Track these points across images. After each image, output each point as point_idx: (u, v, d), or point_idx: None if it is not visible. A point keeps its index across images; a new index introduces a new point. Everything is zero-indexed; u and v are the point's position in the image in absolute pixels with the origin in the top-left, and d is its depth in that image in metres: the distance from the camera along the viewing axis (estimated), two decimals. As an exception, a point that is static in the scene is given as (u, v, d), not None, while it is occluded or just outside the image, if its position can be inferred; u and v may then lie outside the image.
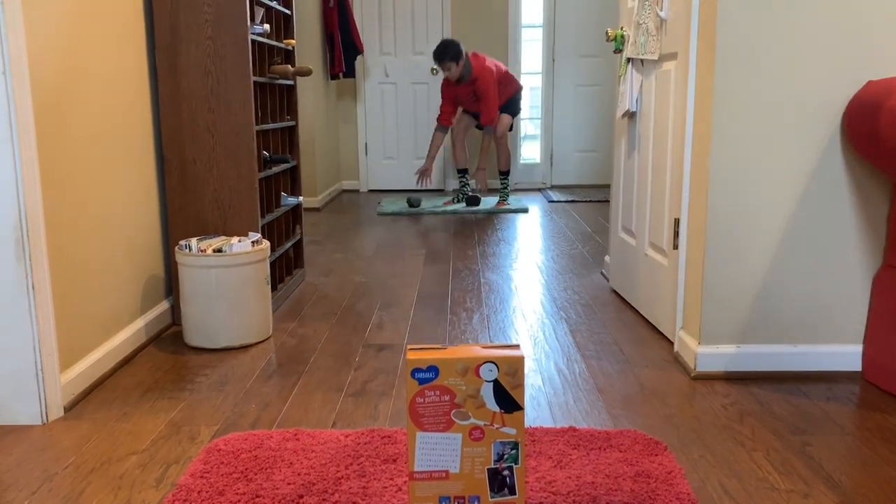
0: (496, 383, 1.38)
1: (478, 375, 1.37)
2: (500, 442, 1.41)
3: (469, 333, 2.68)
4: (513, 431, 1.40)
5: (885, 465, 1.70)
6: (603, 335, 2.65)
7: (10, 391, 1.91)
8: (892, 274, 2.12)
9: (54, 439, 1.85)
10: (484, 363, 1.37)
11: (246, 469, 1.67)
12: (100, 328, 2.25)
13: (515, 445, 1.41)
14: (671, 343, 2.53)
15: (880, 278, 2.17)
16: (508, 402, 1.39)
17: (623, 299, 3.08)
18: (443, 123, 5.58)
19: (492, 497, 1.42)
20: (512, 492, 1.43)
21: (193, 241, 2.53)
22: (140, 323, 2.52)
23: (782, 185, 2.16)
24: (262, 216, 2.90)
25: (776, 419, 1.94)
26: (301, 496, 1.55)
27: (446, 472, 1.42)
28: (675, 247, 2.42)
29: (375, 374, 2.29)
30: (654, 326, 2.71)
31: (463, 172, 5.83)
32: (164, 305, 2.72)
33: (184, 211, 2.72)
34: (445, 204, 5.76)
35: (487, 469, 1.42)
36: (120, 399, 2.10)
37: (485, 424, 1.39)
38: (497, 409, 1.39)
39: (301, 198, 3.36)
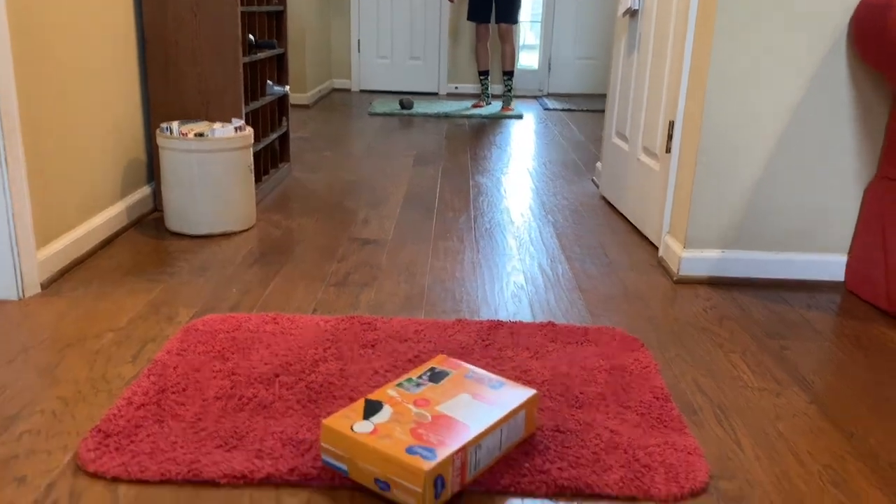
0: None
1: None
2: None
3: (455, 233, 2.65)
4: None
5: (859, 369, 1.72)
6: (589, 239, 2.63)
7: (-14, 265, 1.88)
8: (884, 185, 2.09)
9: (31, 314, 1.83)
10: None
11: (223, 348, 1.66)
12: (78, 208, 2.21)
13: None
14: (657, 249, 2.52)
15: (872, 189, 2.14)
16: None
17: (612, 206, 3.05)
18: None
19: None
20: (487, 377, 1.42)
21: (175, 125, 2.46)
22: (120, 206, 2.47)
23: (782, 89, 2.10)
24: (247, 103, 2.81)
25: (755, 323, 1.95)
26: (277, 375, 1.55)
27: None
28: (668, 150, 2.37)
29: (358, 266, 2.28)
30: (641, 233, 2.69)
31: (485, 74, 5.72)
32: (146, 190, 2.67)
33: (166, 95, 2.63)
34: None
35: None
36: (98, 279, 2.08)
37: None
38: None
39: (287, 87, 3.26)
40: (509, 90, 5.62)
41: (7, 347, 1.66)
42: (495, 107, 5.72)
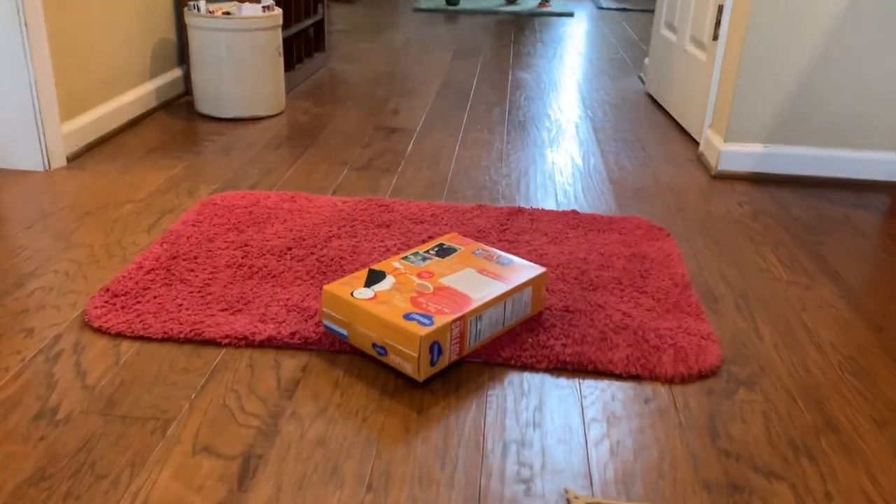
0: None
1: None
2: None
3: (486, 124, 2.57)
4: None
5: (897, 267, 1.62)
6: (627, 134, 2.52)
7: (11, 134, 1.89)
8: (950, 76, 1.93)
9: (54, 184, 1.85)
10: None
11: (238, 222, 1.65)
12: (104, 84, 2.19)
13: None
14: (698, 145, 2.40)
15: (936, 81, 1.97)
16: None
17: (657, 103, 2.91)
18: None
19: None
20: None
21: (202, 3, 2.39)
22: (150, 86, 2.45)
23: (845, -34, 1.92)
24: (278, -16, 2.72)
25: (792, 219, 1.85)
26: (290, 248, 1.54)
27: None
28: (715, 38, 2.22)
29: (383, 153, 2.23)
30: (683, 129, 2.57)
31: None
32: (177, 73, 2.64)
33: (194, -28, 2.56)
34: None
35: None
36: (123, 155, 2.08)
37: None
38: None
39: (323, -28, 3.15)
40: None
41: (28, 213, 1.68)
42: (554, 5, 5.45)
